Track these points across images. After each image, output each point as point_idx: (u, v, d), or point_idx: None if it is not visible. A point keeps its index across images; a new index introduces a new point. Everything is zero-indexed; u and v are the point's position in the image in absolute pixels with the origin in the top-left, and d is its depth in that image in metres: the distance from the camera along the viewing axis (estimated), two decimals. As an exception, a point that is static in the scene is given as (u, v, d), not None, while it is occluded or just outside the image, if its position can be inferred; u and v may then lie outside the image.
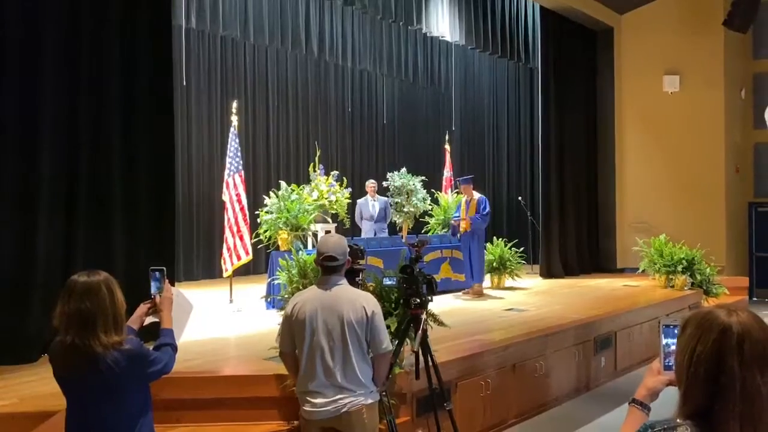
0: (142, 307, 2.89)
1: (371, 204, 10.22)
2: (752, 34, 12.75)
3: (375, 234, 9.99)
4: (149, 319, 2.90)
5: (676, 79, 12.54)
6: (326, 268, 3.27)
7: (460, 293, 9.03)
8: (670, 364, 1.64)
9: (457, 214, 9.32)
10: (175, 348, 2.76)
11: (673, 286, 9.75)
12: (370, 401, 3.25)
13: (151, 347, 2.72)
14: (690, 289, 9.68)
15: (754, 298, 12.48)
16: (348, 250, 3.33)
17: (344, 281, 3.30)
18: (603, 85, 13.30)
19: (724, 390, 1.40)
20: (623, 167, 13.24)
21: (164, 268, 2.94)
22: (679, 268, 9.73)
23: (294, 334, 3.26)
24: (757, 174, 13.09)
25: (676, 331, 1.61)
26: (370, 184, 10.43)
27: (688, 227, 11.50)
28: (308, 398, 3.20)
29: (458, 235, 9.27)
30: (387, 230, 10.50)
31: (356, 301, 3.23)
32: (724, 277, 10.91)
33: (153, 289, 2.89)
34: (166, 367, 2.67)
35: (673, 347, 1.61)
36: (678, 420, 1.44)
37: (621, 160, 13.25)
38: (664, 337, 1.72)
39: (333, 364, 3.17)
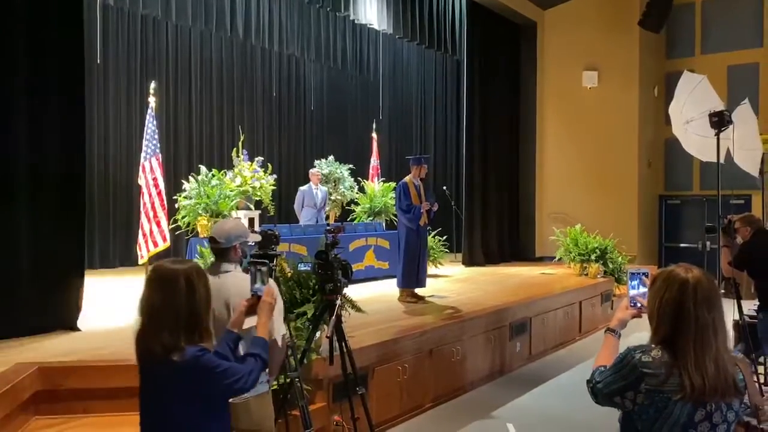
0: (241, 306, 2.53)
1: (315, 191, 10.17)
2: (666, 35, 13.38)
3: (317, 221, 9.95)
4: (248, 322, 2.50)
5: (595, 75, 13.04)
6: (214, 252, 3.23)
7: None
8: (634, 302, 2.25)
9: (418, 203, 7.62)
10: (263, 360, 2.36)
11: (587, 274, 10.16)
12: (259, 392, 3.09)
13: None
14: (603, 277, 10.11)
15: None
16: (237, 234, 3.21)
17: (234, 267, 3.20)
18: (525, 78, 13.68)
19: (683, 323, 1.97)
20: (543, 159, 13.68)
21: (267, 262, 2.63)
22: (593, 257, 10.17)
23: None
24: (667, 168, 13.78)
25: (638, 278, 2.25)
26: (315, 172, 10.44)
27: (602, 218, 12.03)
28: None
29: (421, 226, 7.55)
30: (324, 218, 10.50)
31: (244, 287, 3.15)
32: (635, 266, 11.45)
33: (253, 287, 2.54)
34: (240, 382, 2.25)
35: (633, 292, 2.24)
36: (652, 345, 2.01)
37: (541, 153, 13.68)
38: (630, 281, 2.27)
39: None
